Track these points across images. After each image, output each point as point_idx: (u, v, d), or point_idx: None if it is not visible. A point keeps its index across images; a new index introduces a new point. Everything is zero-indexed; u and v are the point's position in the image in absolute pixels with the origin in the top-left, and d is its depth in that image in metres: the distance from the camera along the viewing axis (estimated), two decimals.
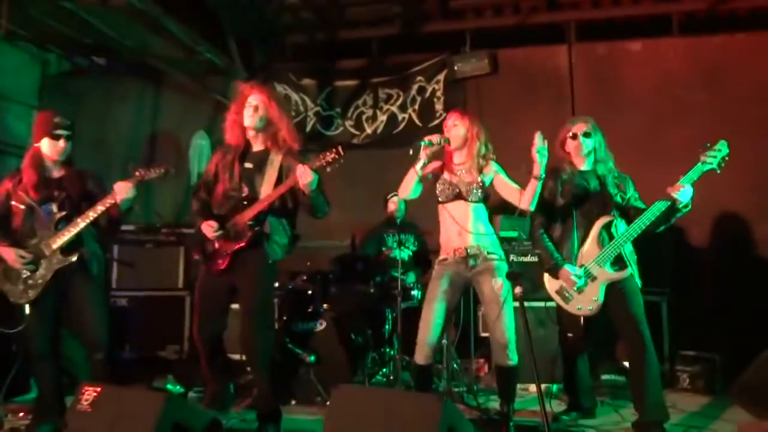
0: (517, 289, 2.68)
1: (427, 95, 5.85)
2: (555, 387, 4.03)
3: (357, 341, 4.02)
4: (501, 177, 3.17)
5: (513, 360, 3.05)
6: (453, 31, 5.81)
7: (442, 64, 5.82)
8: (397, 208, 4.93)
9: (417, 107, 5.87)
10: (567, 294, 3.22)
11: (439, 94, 5.81)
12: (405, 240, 4.55)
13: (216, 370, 3.39)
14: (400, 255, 4.15)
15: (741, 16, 5.35)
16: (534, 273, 4.16)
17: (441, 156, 3.22)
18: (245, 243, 3.08)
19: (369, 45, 6.07)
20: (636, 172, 3.41)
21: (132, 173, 3.09)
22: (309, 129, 6.10)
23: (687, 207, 3.02)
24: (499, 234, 4.34)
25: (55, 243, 3.06)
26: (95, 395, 2.69)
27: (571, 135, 3.29)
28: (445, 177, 3.20)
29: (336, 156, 2.96)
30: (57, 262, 3.06)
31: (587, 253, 3.20)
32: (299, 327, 3.91)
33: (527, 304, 2.74)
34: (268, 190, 3.11)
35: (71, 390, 2.93)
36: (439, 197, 3.19)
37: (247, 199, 3.13)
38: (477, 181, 3.13)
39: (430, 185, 3.21)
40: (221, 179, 3.20)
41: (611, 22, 5.60)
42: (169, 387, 4.09)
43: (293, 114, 6.12)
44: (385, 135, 5.90)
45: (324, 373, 3.78)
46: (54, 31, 5.41)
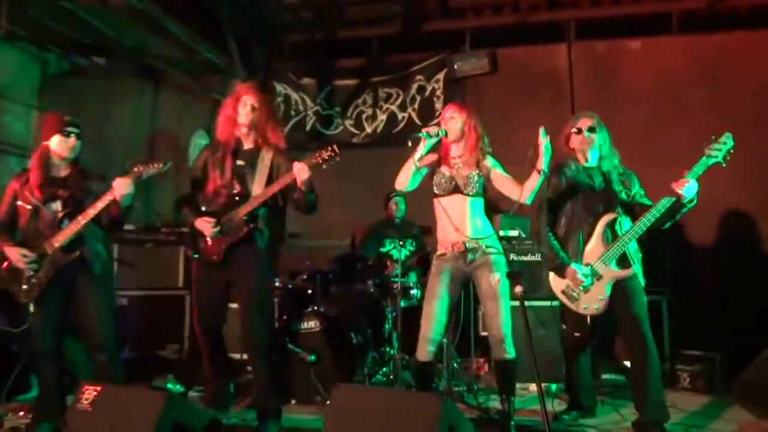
0: (517, 289, 2.66)
1: (427, 94, 5.85)
2: (554, 386, 4.04)
3: (357, 341, 4.02)
4: (497, 171, 3.13)
5: (510, 354, 3.03)
6: (452, 30, 5.81)
7: (441, 63, 5.82)
8: (397, 207, 4.95)
9: (417, 106, 5.87)
10: (573, 293, 3.18)
11: (439, 93, 5.81)
12: (405, 240, 4.55)
13: (217, 368, 3.41)
14: (399, 255, 4.15)
15: (740, 14, 5.34)
16: (534, 272, 4.18)
17: (438, 149, 3.20)
18: (241, 238, 3.12)
19: (369, 44, 6.07)
20: (636, 170, 3.38)
21: (130, 169, 3.09)
22: (309, 128, 6.11)
23: (692, 202, 3.00)
24: (500, 233, 4.36)
25: (57, 241, 3.07)
26: (95, 394, 2.70)
27: (576, 130, 3.26)
28: (443, 170, 3.16)
29: (332, 154, 3.01)
30: (58, 260, 3.07)
31: (592, 251, 3.17)
32: (299, 326, 3.91)
33: (527, 303, 2.73)
34: (260, 187, 3.16)
35: (72, 389, 2.93)
36: (436, 190, 3.16)
37: (240, 195, 3.17)
38: (474, 175, 3.10)
39: (427, 179, 3.19)
40: (211, 176, 3.23)
41: (611, 20, 5.59)
42: (170, 386, 4.10)
43: (293, 113, 6.14)
44: (385, 134, 5.90)
45: (324, 373, 3.78)
46: (53, 31, 5.41)
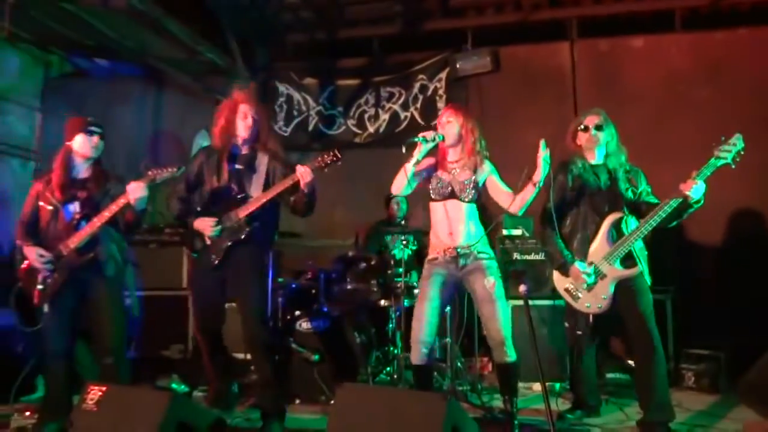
0: (521, 288, 2.66)
1: (429, 93, 5.84)
2: (558, 385, 4.03)
3: (361, 340, 4.02)
4: (493, 178, 3.13)
5: (511, 356, 3.02)
6: (454, 29, 5.80)
7: (443, 62, 5.81)
8: (399, 208, 4.94)
9: (419, 106, 5.86)
10: (576, 292, 3.18)
11: (441, 92, 5.80)
12: (407, 239, 4.54)
13: (218, 368, 3.44)
14: (401, 254, 4.15)
15: (743, 11, 5.32)
16: (537, 271, 4.17)
17: (436, 153, 3.18)
18: (242, 238, 3.16)
19: (370, 44, 6.07)
20: (639, 168, 3.38)
21: (144, 173, 3.10)
22: (311, 128, 6.11)
23: (699, 203, 2.98)
24: (503, 232, 4.36)
25: (73, 243, 3.11)
26: (100, 394, 2.71)
27: (583, 127, 3.25)
28: (439, 175, 3.15)
29: (334, 158, 3.07)
30: (73, 261, 3.11)
31: (597, 250, 3.15)
32: (303, 326, 3.91)
33: (531, 302, 2.73)
34: (257, 190, 3.22)
35: (77, 390, 2.94)
36: (432, 195, 3.15)
37: (239, 197, 3.21)
38: (471, 180, 3.09)
39: (424, 183, 3.18)
40: (207, 180, 3.27)
41: (613, 18, 5.57)
42: (174, 386, 4.11)
43: (296, 113, 6.14)
44: (388, 134, 5.89)
45: (328, 372, 3.78)
46: (56, 33, 5.42)
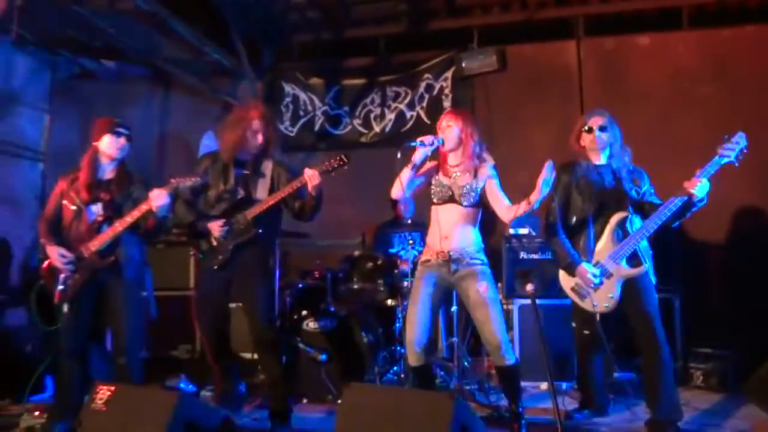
0: (529, 287, 2.67)
1: (435, 93, 5.83)
2: (565, 384, 4.02)
3: (368, 340, 4.02)
4: (492, 183, 3.09)
5: (510, 359, 3.01)
6: (460, 28, 5.78)
7: (449, 61, 5.80)
8: (406, 208, 4.94)
9: (425, 105, 5.85)
10: (582, 291, 3.18)
11: (447, 91, 5.79)
12: (414, 239, 4.54)
13: (224, 368, 3.48)
14: (409, 254, 4.14)
15: (751, 7, 5.28)
16: (545, 270, 4.15)
17: (437, 157, 3.19)
18: (248, 240, 3.21)
19: (376, 43, 6.06)
20: (646, 166, 3.37)
21: (167, 181, 3.12)
22: (317, 128, 6.11)
23: (703, 201, 2.99)
24: (510, 231, 4.35)
25: (94, 245, 3.13)
26: (109, 394, 2.73)
27: (587, 128, 3.25)
28: (440, 178, 3.14)
29: (341, 162, 3.12)
30: (94, 263, 3.14)
31: (602, 250, 3.16)
32: (310, 326, 3.92)
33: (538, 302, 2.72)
34: (263, 193, 3.27)
35: (87, 390, 2.94)
36: (433, 198, 3.15)
37: (245, 200, 3.26)
38: (471, 185, 3.08)
39: (426, 186, 3.18)
40: (213, 184, 3.32)
41: (620, 16, 5.55)
42: (182, 386, 4.13)
43: (302, 113, 6.15)
44: (394, 133, 5.88)
45: (335, 372, 3.79)
46: (63, 35, 5.45)
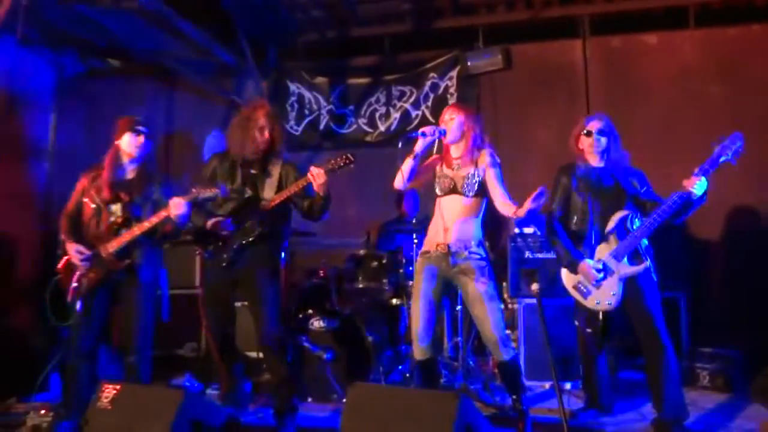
0: (534, 286, 2.66)
1: (440, 92, 5.83)
2: (570, 384, 4.01)
3: (373, 339, 4.02)
4: (492, 173, 3.08)
5: (508, 354, 3.02)
6: (465, 27, 5.77)
7: (454, 60, 5.79)
8: (412, 206, 4.94)
9: (430, 104, 5.84)
10: (584, 289, 3.20)
11: (453, 90, 5.78)
12: (419, 239, 4.54)
13: (229, 366, 3.47)
14: (413, 254, 4.14)
15: (758, 6, 5.25)
16: (550, 269, 4.14)
17: (441, 149, 3.22)
18: (255, 239, 3.21)
19: (381, 42, 6.05)
20: (652, 165, 3.39)
21: (189, 190, 3.13)
22: (322, 127, 6.11)
23: (702, 200, 3.00)
24: (515, 230, 4.34)
25: (112, 247, 3.15)
26: (115, 393, 2.74)
27: (585, 132, 3.29)
28: (444, 170, 3.18)
29: (347, 161, 3.12)
30: (110, 264, 3.16)
31: (604, 248, 3.18)
32: (315, 325, 3.92)
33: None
34: (270, 193, 3.26)
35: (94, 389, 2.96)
36: (437, 190, 3.18)
37: (254, 199, 3.26)
38: (473, 175, 3.09)
39: (430, 178, 3.22)
40: (221, 184, 3.31)
41: (626, 15, 5.52)
42: (187, 384, 4.14)
43: (307, 112, 6.16)
44: (399, 132, 5.86)
45: (340, 371, 3.80)
46: (68, 34, 5.46)
